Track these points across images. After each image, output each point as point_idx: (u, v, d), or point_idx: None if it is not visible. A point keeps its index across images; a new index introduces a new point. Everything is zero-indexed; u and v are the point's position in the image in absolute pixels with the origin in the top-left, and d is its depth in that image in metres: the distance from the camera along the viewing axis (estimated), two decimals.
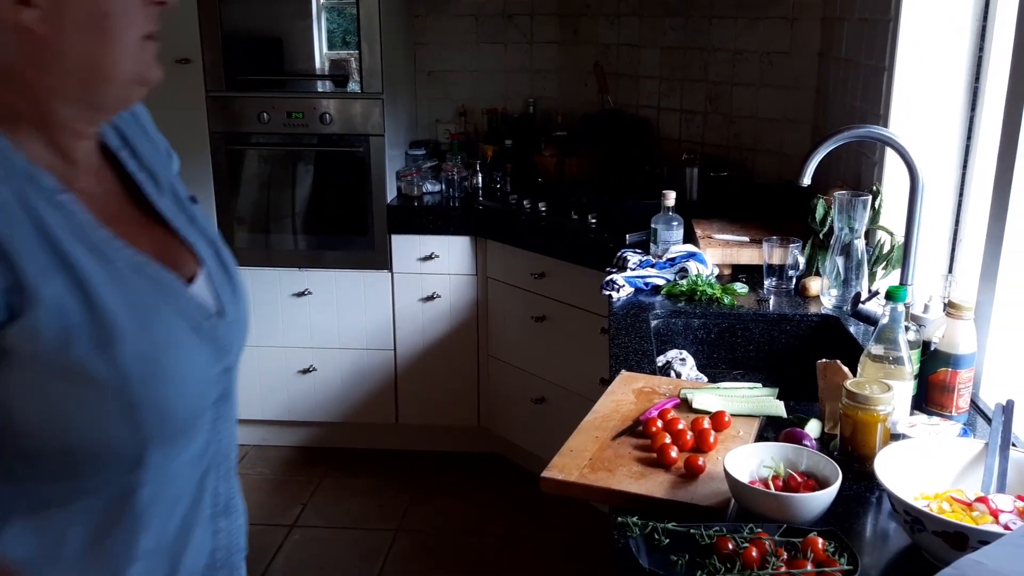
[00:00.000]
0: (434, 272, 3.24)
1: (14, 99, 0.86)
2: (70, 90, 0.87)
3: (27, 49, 0.84)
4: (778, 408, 1.55)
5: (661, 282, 2.23)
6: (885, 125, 2.11)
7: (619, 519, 1.21)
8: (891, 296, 1.42)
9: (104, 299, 0.84)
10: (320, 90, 3.17)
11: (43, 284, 0.81)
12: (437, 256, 3.20)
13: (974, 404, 1.59)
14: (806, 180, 1.84)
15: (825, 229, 2.19)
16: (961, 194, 2.09)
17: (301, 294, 3.32)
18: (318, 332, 3.36)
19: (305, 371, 3.40)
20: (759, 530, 1.15)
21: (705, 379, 1.85)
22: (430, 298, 3.26)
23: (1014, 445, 1.27)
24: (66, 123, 0.89)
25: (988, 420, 1.56)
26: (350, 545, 2.95)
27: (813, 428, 1.48)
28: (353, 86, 3.14)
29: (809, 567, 1.09)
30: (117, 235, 0.89)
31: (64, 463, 0.85)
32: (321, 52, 3.15)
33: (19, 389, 0.81)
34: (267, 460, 3.47)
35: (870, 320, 1.80)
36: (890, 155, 2.11)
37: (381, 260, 3.26)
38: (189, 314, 0.93)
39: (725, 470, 1.24)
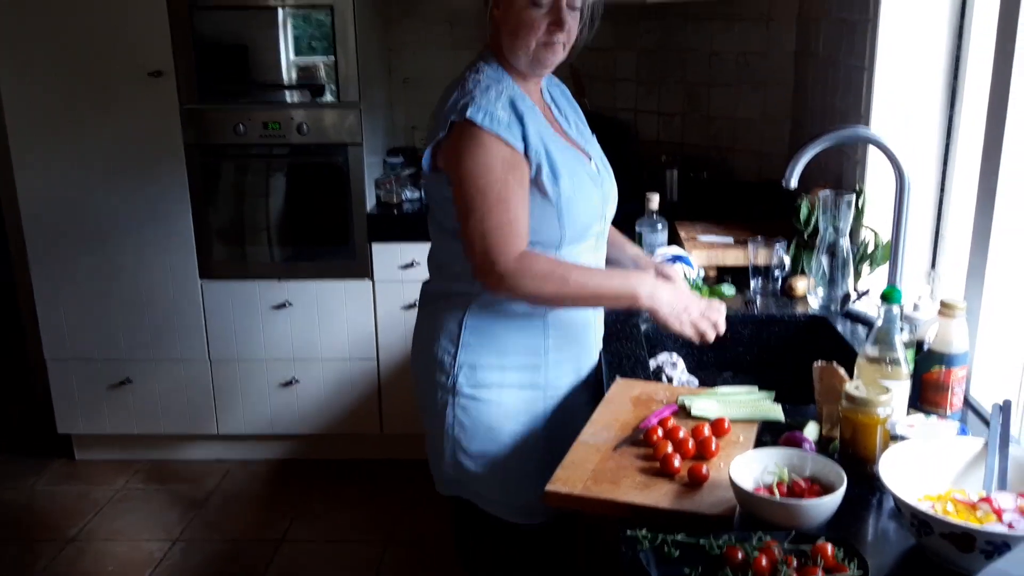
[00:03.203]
0: (416, 279, 3.18)
1: (503, 55, 1.70)
2: (513, 54, 1.67)
3: (498, 28, 1.68)
4: (776, 412, 1.55)
5: None
6: (866, 124, 2.12)
7: (628, 532, 1.20)
8: (886, 298, 1.43)
9: (554, 155, 1.66)
10: (295, 100, 3.14)
11: (533, 139, 1.63)
12: (418, 263, 3.18)
13: (967, 402, 1.61)
14: (793, 182, 1.84)
15: (810, 229, 2.20)
16: (942, 192, 2.11)
17: (281, 306, 3.29)
18: (299, 344, 3.33)
19: (287, 384, 3.36)
20: (768, 538, 1.15)
21: (696, 382, 1.85)
22: (413, 306, 3.24)
23: (1013, 443, 1.28)
24: (519, 69, 1.69)
25: (981, 416, 1.57)
26: (341, 557, 2.93)
27: (811, 431, 1.48)
28: (329, 95, 3.11)
29: (820, 574, 1.09)
30: (554, 130, 1.73)
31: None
32: (296, 62, 3.12)
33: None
34: (252, 475, 3.43)
35: (861, 320, 1.81)
36: (872, 154, 2.13)
37: (362, 269, 3.24)
38: (589, 172, 1.75)
39: (731, 479, 1.24)
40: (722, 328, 1.72)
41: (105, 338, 3.33)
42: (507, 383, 1.76)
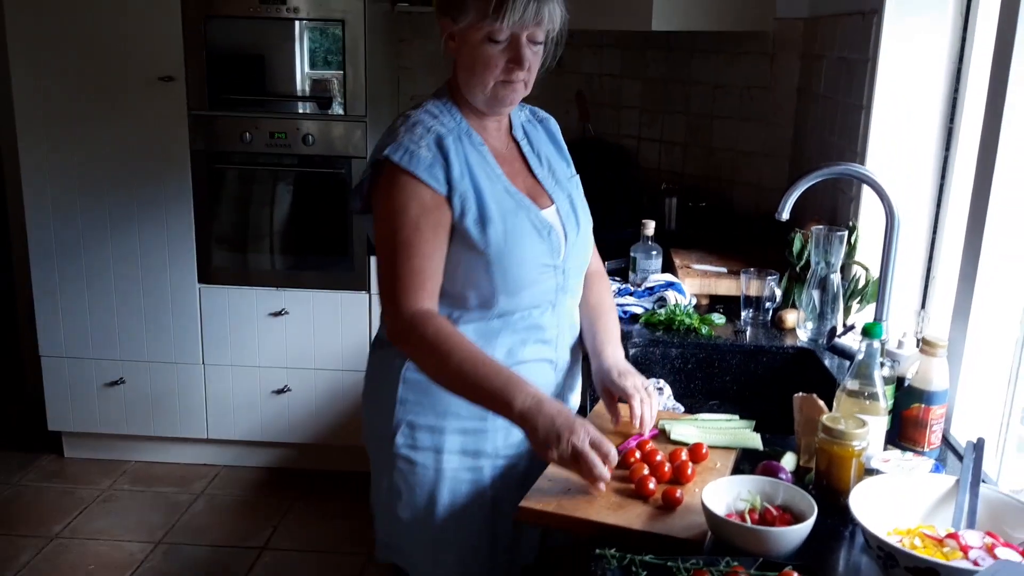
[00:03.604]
0: None
1: (460, 90, 1.58)
2: (469, 92, 1.55)
3: (455, 64, 1.56)
4: (755, 441, 1.56)
5: (639, 311, 2.25)
6: (862, 162, 2.15)
7: (597, 551, 1.21)
8: (867, 332, 1.45)
9: (486, 198, 1.52)
10: (303, 111, 3.18)
11: (459, 181, 1.51)
12: None
13: (946, 440, 1.62)
14: (785, 214, 1.87)
15: (802, 263, 2.22)
16: (935, 232, 2.13)
17: (278, 313, 3.31)
18: (294, 352, 3.34)
19: (280, 391, 3.38)
20: (735, 563, 1.17)
21: (682, 408, 1.86)
22: None
23: (984, 482, 1.29)
24: (476, 107, 1.58)
25: (959, 456, 1.58)
26: (320, 569, 2.93)
27: (789, 461, 1.49)
28: (336, 108, 3.15)
29: None
30: (503, 171, 1.58)
31: (455, 295, 1.55)
32: (303, 72, 3.16)
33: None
34: (238, 481, 3.44)
35: (845, 354, 1.82)
36: (866, 192, 2.15)
37: (359, 281, 3.26)
38: (533, 221, 1.57)
39: (703, 504, 1.26)
40: (614, 462, 1.37)
41: (101, 337, 3.35)
42: (447, 448, 1.60)
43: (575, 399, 1.79)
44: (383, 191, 1.51)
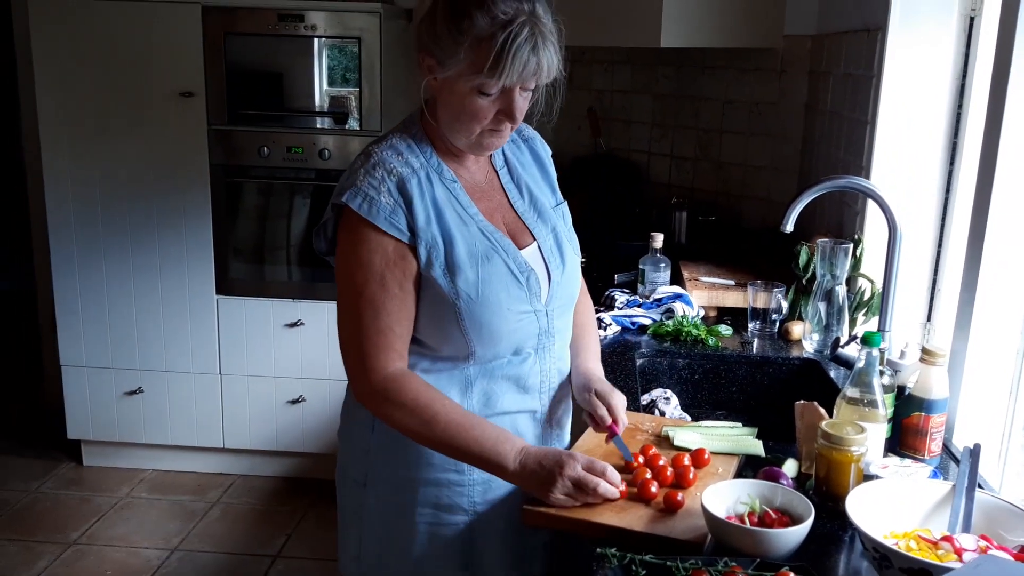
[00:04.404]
0: None
1: (434, 124, 1.44)
2: (449, 130, 1.42)
3: (435, 101, 1.42)
4: (756, 447, 1.59)
5: (648, 322, 2.28)
6: (867, 176, 2.18)
7: (598, 550, 1.25)
8: (866, 341, 1.48)
9: (456, 244, 1.40)
10: (320, 126, 3.24)
11: (424, 228, 1.39)
12: None
13: (946, 448, 1.64)
14: (789, 227, 1.90)
15: (808, 275, 2.25)
16: (940, 244, 2.16)
17: (294, 324, 3.36)
18: (309, 363, 3.39)
19: (295, 401, 3.43)
20: (733, 564, 1.19)
21: (688, 418, 1.89)
22: None
23: (980, 487, 1.31)
24: (453, 144, 1.44)
25: (959, 463, 1.60)
26: None
27: (790, 467, 1.52)
28: (352, 123, 3.21)
29: None
30: (479, 209, 1.46)
31: (427, 344, 1.45)
32: (321, 89, 3.22)
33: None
34: (253, 490, 3.48)
35: (848, 364, 1.85)
36: (871, 205, 2.18)
37: None
38: (511, 265, 1.44)
39: (703, 505, 1.29)
40: (614, 476, 1.37)
41: (120, 347, 3.41)
42: (421, 500, 1.48)
43: (562, 429, 1.65)
44: (344, 240, 1.41)
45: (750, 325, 2.26)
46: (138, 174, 3.27)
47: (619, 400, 1.53)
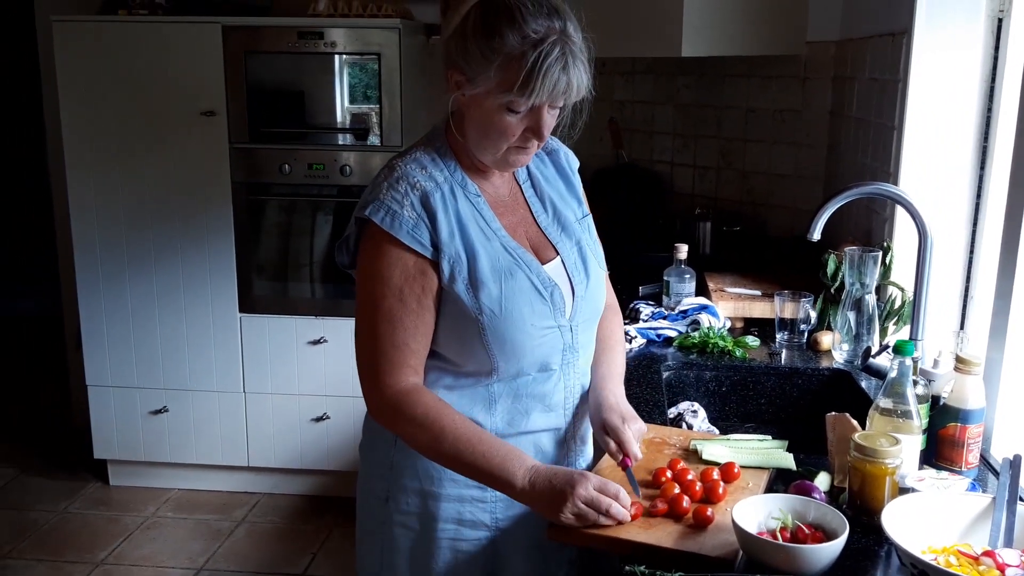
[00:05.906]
0: None
1: (460, 139, 1.43)
2: (476, 147, 1.41)
3: (462, 116, 1.41)
4: (787, 460, 1.55)
5: (673, 334, 2.25)
6: (895, 182, 2.14)
7: (626, 568, 1.22)
8: (899, 350, 1.44)
9: (479, 259, 1.39)
10: (341, 143, 3.24)
11: (447, 243, 1.38)
12: None
13: (984, 460, 1.59)
14: (816, 235, 1.86)
15: (836, 284, 2.20)
16: (972, 251, 2.11)
17: (317, 342, 3.36)
18: (332, 380, 3.38)
19: (319, 419, 3.42)
20: None
21: (716, 431, 1.85)
22: None
23: (1021, 500, 1.27)
24: (477, 159, 1.44)
25: (998, 476, 1.55)
26: None
27: (823, 481, 1.48)
28: (373, 139, 3.21)
29: None
30: (502, 224, 1.45)
31: (450, 360, 1.45)
32: (342, 105, 3.23)
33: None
34: (278, 508, 3.47)
35: (880, 374, 1.81)
36: (900, 212, 2.14)
37: None
38: (534, 280, 1.43)
39: (733, 521, 1.25)
40: (625, 500, 1.33)
41: (145, 367, 3.42)
42: (443, 516, 1.47)
43: (584, 446, 1.63)
44: (366, 253, 1.42)
45: (778, 336, 2.22)
46: (161, 194, 3.29)
47: (630, 434, 1.46)
